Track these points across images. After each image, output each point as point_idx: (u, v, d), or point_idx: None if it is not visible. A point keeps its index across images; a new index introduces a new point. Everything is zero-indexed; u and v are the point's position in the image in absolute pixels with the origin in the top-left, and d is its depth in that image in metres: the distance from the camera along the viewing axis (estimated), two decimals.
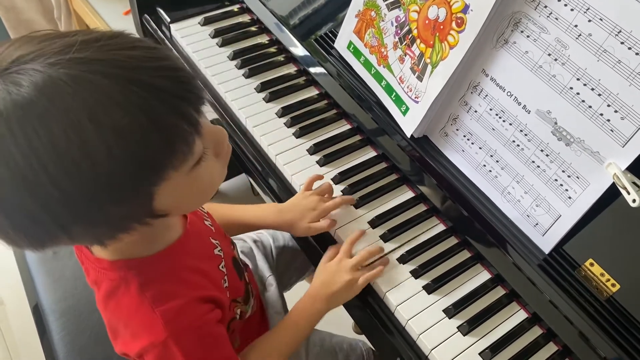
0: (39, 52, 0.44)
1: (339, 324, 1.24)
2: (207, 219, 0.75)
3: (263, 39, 1.11)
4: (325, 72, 0.97)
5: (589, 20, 0.64)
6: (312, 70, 1.00)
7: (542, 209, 0.72)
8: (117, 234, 0.51)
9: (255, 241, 1.01)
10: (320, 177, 0.87)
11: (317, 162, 0.92)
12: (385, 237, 0.83)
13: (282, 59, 1.07)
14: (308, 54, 1.00)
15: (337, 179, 0.89)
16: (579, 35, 0.65)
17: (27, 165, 0.42)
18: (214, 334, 0.64)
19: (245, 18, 1.14)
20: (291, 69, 1.05)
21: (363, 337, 1.02)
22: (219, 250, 0.71)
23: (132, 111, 0.44)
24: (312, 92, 1.02)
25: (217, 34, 1.09)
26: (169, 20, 1.11)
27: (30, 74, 0.42)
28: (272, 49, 1.08)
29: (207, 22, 1.11)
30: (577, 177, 0.68)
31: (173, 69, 0.47)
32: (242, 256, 0.96)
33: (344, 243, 0.80)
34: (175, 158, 0.48)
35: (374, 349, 0.97)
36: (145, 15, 1.15)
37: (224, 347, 0.65)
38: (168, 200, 0.51)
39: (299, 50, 1.02)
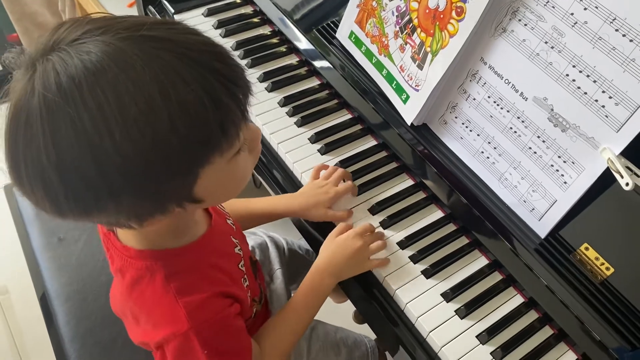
0: (108, 28, 0.46)
1: (338, 312, 1.26)
2: (229, 218, 0.76)
3: (265, 30, 1.12)
4: (327, 62, 0.99)
5: (585, 9, 0.65)
6: (313, 60, 1.01)
7: (539, 194, 0.73)
8: (156, 214, 0.52)
9: (269, 237, 1.03)
10: (326, 167, 0.89)
11: (319, 150, 0.94)
12: (385, 224, 0.84)
13: (284, 50, 1.08)
14: (310, 44, 1.01)
15: (338, 167, 0.91)
16: (575, 23, 0.66)
17: (94, 129, 0.44)
18: (233, 327, 0.65)
19: (248, 9, 1.15)
20: (293, 59, 1.07)
21: (366, 330, 1.03)
22: (238, 250, 0.73)
23: (196, 89, 0.46)
24: (314, 82, 1.03)
25: (220, 24, 1.11)
26: (172, 11, 1.12)
27: (101, 45, 0.45)
28: (275, 40, 1.10)
29: (210, 13, 1.13)
30: (573, 162, 0.69)
31: (229, 57, 0.50)
32: (255, 250, 0.98)
33: (357, 227, 0.81)
34: (225, 141, 0.50)
35: (375, 336, 0.98)
36: (150, 6, 1.17)
37: (241, 339, 0.67)
38: (207, 186, 0.53)
39: (301, 41, 1.03)
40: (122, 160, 0.45)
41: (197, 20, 1.12)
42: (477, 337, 0.74)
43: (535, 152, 0.73)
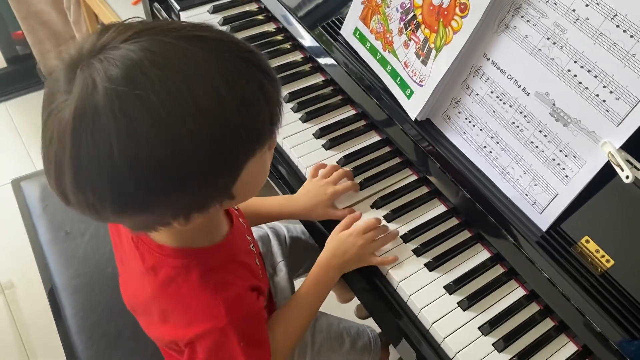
0: (159, 29, 0.47)
1: (341, 307, 1.27)
2: (240, 217, 0.78)
3: (270, 27, 1.13)
4: (331, 58, 1.00)
5: (586, 5, 0.66)
6: (317, 57, 1.03)
7: (540, 187, 0.74)
8: (203, 210, 0.53)
9: (270, 228, 1.04)
10: (324, 166, 0.90)
11: (323, 145, 0.95)
12: (389, 218, 0.86)
13: (289, 47, 1.09)
14: (314, 41, 1.02)
15: (342, 162, 0.92)
16: (576, 20, 0.68)
17: (168, 117, 0.44)
18: (261, 319, 0.68)
19: (253, 7, 1.17)
20: (297, 56, 1.08)
21: (367, 322, 1.05)
22: (252, 247, 0.75)
23: (254, 86, 0.49)
24: (318, 78, 1.05)
25: (225, 21, 1.12)
26: (178, 8, 1.14)
27: (160, 43, 0.46)
28: (279, 37, 1.11)
29: (216, 10, 1.14)
30: (574, 156, 0.71)
31: (267, 61, 0.53)
32: (258, 242, 0.99)
33: (362, 222, 0.82)
34: (269, 137, 0.53)
35: (379, 329, 0.99)
36: (155, 3, 1.18)
37: (265, 328, 0.69)
38: (243, 182, 0.54)
39: (305, 37, 1.05)
40: (193, 150, 0.46)
41: (202, 17, 1.13)
42: (479, 328, 0.75)
43: (537, 147, 0.74)
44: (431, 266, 0.80)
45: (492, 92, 0.78)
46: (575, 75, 0.69)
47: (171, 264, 0.61)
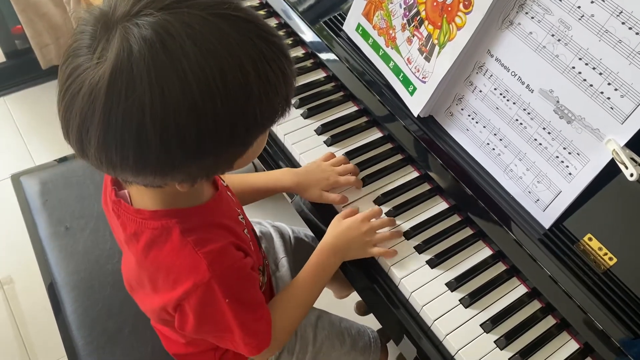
0: (196, 2, 0.49)
1: (341, 304, 1.27)
2: (229, 190, 0.78)
3: (271, 22, 1.13)
4: (333, 54, 0.99)
5: (592, 2, 0.66)
6: (319, 53, 1.02)
7: (543, 185, 0.74)
8: (204, 177, 0.57)
9: (274, 226, 1.04)
10: (333, 156, 0.90)
11: (325, 142, 0.94)
12: (390, 215, 0.85)
13: (290, 42, 1.09)
14: (316, 37, 1.02)
15: None
16: (581, 16, 0.67)
17: (198, 90, 0.47)
18: (250, 277, 0.68)
19: (254, 1, 1.16)
20: (299, 52, 1.08)
21: (368, 321, 1.04)
22: (241, 218, 0.75)
23: (275, 69, 0.52)
24: (320, 74, 1.04)
25: None
26: None
27: (197, 18, 0.48)
28: (280, 32, 1.10)
29: None
30: (578, 153, 0.70)
31: (287, 45, 0.57)
32: (262, 238, 0.99)
33: (366, 211, 0.83)
34: (282, 115, 0.57)
35: (379, 326, 0.99)
36: None
37: (257, 291, 0.69)
38: (246, 154, 0.58)
39: (306, 33, 1.04)
40: (216, 125, 0.49)
41: None
42: (481, 325, 0.75)
43: (540, 144, 0.74)
44: (433, 263, 0.80)
45: (495, 89, 0.78)
46: (580, 73, 0.68)
47: (151, 226, 0.62)
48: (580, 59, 0.68)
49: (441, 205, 0.87)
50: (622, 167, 0.64)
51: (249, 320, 0.66)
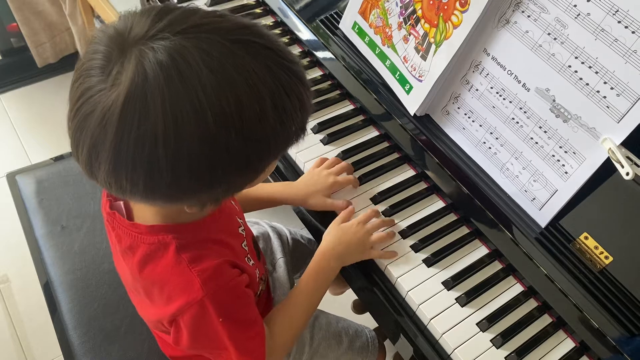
0: (214, 27, 0.48)
1: (337, 303, 1.27)
2: (232, 199, 0.77)
3: (268, 20, 1.12)
4: (329, 53, 0.99)
5: (588, 0, 0.66)
6: (316, 51, 1.02)
7: (539, 184, 0.74)
8: (213, 203, 0.57)
9: (271, 226, 1.03)
10: (326, 159, 0.90)
11: (321, 140, 0.94)
12: (387, 213, 0.85)
13: (287, 41, 1.08)
14: (312, 35, 1.02)
15: (340, 157, 0.91)
16: (577, 15, 0.67)
17: (215, 124, 0.46)
18: (245, 296, 0.67)
19: (251, 0, 1.16)
20: (295, 50, 1.07)
21: (365, 320, 1.04)
22: (242, 230, 0.74)
23: (293, 97, 0.51)
24: (316, 72, 1.04)
25: None
26: (176, 1, 1.12)
27: (215, 44, 0.47)
28: (277, 31, 1.10)
29: (213, 3, 1.13)
30: (574, 152, 0.70)
31: (304, 72, 0.55)
32: (259, 239, 0.99)
33: (362, 214, 0.82)
34: (296, 141, 0.56)
35: (376, 324, 0.99)
36: None
37: (252, 309, 0.68)
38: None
39: (303, 31, 1.04)
40: (229, 158, 0.48)
41: None
42: (477, 324, 0.75)
43: (536, 143, 0.74)
44: (429, 262, 0.80)
45: (491, 88, 0.77)
46: (576, 71, 0.68)
47: (147, 241, 0.61)
48: (576, 57, 0.68)
49: (437, 204, 0.87)
50: (618, 166, 0.65)
51: (242, 339, 0.66)
